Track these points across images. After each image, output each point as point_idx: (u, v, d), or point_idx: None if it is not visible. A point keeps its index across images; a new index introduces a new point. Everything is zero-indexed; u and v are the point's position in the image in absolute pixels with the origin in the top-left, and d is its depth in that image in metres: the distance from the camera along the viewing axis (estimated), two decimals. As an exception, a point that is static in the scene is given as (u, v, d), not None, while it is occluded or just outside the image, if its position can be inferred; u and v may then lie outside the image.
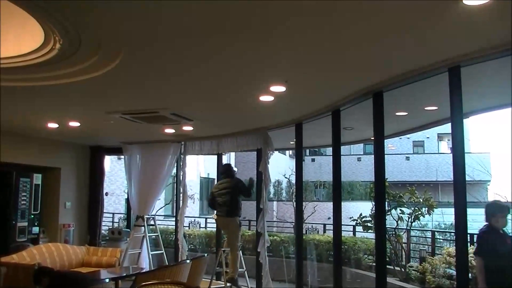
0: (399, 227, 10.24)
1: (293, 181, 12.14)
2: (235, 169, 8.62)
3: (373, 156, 5.24)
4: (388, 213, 9.46)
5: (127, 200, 11.01)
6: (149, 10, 3.30)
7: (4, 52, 4.21)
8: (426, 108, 6.18)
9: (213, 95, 5.87)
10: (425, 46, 3.96)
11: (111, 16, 3.42)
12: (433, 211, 10.00)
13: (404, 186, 13.61)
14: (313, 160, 32.46)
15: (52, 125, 8.03)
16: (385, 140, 5.31)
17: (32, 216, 9.48)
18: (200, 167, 21.72)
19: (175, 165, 10.04)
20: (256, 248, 8.32)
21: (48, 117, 7.51)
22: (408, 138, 31.14)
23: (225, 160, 10.05)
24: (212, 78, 5.02)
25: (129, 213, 11.08)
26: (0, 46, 4.10)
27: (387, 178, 5.77)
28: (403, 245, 10.41)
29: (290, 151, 30.08)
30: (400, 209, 10.04)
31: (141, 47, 4.07)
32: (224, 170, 8.30)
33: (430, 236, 11.30)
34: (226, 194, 7.92)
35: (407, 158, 30.88)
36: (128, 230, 10.62)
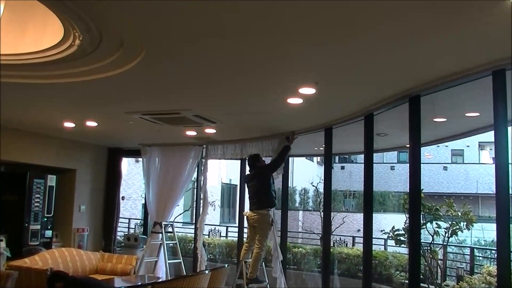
0: (434, 242, 10.11)
1: (321, 190, 12.09)
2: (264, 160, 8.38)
3: (407, 165, 5.20)
4: (423, 227, 9.35)
5: (144, 205, 11.11)
6: (178, 8, 3.33)
7: (24, 48, 4.32)
8: (467, 114, 6.11)
9: (238, 97, 5.91)
10: (467, 48, 3.93)
11: (136, 13, 3.48)
12: (472, 226, 9.85)
13: (441, 198, 13.44)
14: (342, 167, 32.28)
15: (69, 125, 8.18)
16: (422, 148, 5.27)
17: (45, 219, 9.67)
18: (222, 172, 21.81)
19: (196, 169, 10.10)
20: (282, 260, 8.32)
21: (65, 116, 7.65)
22: (447, 146, 30.74)
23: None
24: (238, 79, 5.06)
25: (146, 219, 11.16)
26: (19, 42, 4.22)
27: (422, 189, 5.71)
28: (439, 262, 10.28)
29: (318, 158, 30.00)
30: (436, 223, 9.91)
31: (165, 46, 4.12)
32: (250, 163, 8.12)
33: (469, 253, 11.13)
34: (254, 185, 7.80)
35: (445, 168, 30.46)
36: (145, 237, 10.71)
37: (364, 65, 4.47)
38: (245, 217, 8.08)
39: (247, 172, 8.28)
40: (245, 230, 8.46)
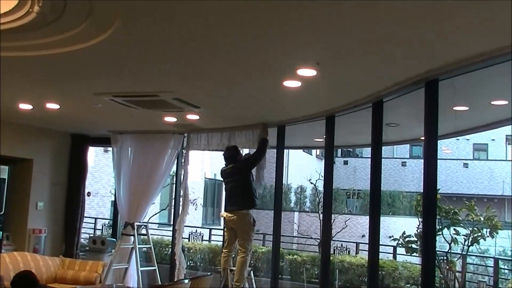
0: (452, 251, 10.19)
1: (320, 188, 12.09)
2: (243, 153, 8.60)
3: (421, 160, 5.23)
4: (438, 233, 9.42)
5: (114, 203, 11.12)
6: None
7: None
8: (493, 103, 6.14)
9: (227, 78, 5.91)
10: (494, 26, 3.93)
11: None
12: (497, 233, 9.94)
13: (460, 200, 13.57)
14: (345, 162, 32.41)
15: (25, 107, 8.14)
16: (439, 141, 5.29)
17: (-5, 218, 9.64)
18: (205, 166, 21.81)
19: (175, 162, 10.12)
20: (272, 269, 8.36)
21: (20, 97, 7.61)
22: (468, 140, 30.92)
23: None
24: (227, 56, 5.05)
25: (116, 218, 11.20)
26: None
27: (439, 189, 5.76)
28: (457, 274, 10.36)
29: (318, 151, 30.06)
30: (455, 229, 9.99)
31: (142, 16, 4.10)
32: (227, 156, 8.27)
33: (492, 265, 11.22)
34: (233, 181, 8.02)
35: (466, 165, 30.68)
36: (114, 240, 10.72)
37: (374, 43, 4.47)
38: (221, 219, 8.17)
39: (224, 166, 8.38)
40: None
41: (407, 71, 5.21)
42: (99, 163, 18.43)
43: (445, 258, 10.29)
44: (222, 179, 8.39)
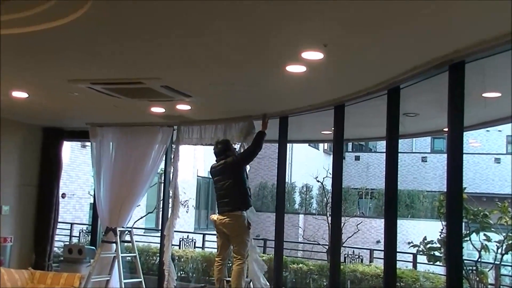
0: (482, 260, 10.18)
1: (329, 187, 12.02)
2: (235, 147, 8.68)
3: (445, 155, 5.22)
4: (466, 239, 9.40)
5: (93, 206, 11.09)
6: None
7: None
8: (529, 88, 6.14)
9: (222, 63, 5.89)
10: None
11: None
12: (537, 239, 9.91)
13: (492, 201, 13.51)
14: (357, 158, 32.50)
15: (-12, 96, 8.10)
16: (465, 133, 5.28)
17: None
18: (198, 163, 21.84)
19: (164, 158, 10.11)
20: (274, 280, 8.36)
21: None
22: (500, 131, 30.80)
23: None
24: (222, 39, 5.03)
25: (96, 223, 11.15)
26: None
27: (465, 188, 5.74)
28: (489, 287, 10.35)
29: (325, 145, 30.10)
30: (485, 234, 9.97)
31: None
32: (218, 151, 8.32)
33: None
34: (224, 179, 8.07)
35: (497, 161, 30.66)
36: (93, 248, 10.69)
37: (390, 20, 4.45)
38: (213, 223, 8.23)
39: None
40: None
41: (428, 52, 5.18)
42: (76, 160, 18.43)
43: (474, 268, 10.25)
44: (211, 178, 8.42)
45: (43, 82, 7.31)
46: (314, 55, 5.28)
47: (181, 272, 13.62)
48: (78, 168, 18.63)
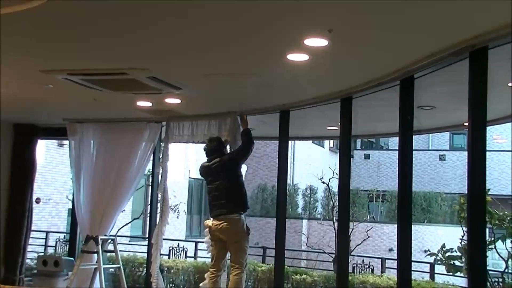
0: (509, 270, 10.18)
1: (335, 189, 11.99)
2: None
3: (465, 153, 5.22)
4: (490, 247, 9.40)
5: (72, 212, 11.05)
6: None
7: None
8: None
9: (216, 51, 5.88)
10: None
11: None
12: None
13: (519, 204, 13.51)
14: (367, 156, 32.53)
15: None
16: (488, 128, 5.26)
17: None
18: (190, 163, 21.82)
19: (151, 157, 10.11)
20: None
21: None
22: (530, 125, 30.71)
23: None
24: (216, 24, 5.03)
25: (74, 232, 11.08)
26: None
27: (489, 190, 5.74)
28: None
29: (331, 142, 30.11)
30: (512, 241, 9.96)
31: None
32: (210, 150, 8.35)
33: None
34: (219, 179, 8.08)
35: (526, 159, 30.55)
36: (72, 259, 10.65)
37: (402, 2, 4.44)
38: (206, 229, 8.29)
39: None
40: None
41: (447, 37, 5.16)
42: (52, 160, 18.35)
43: (500, 279, 10.25)
44: (203, 178, 8.43)
45: (13, 72, 7.19)
46: (317, 41, 5.27)
47: (171, 285, 13.61)
48: (54, 169, 18.54)
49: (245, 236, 7.97)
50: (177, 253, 16.63)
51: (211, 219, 8.13)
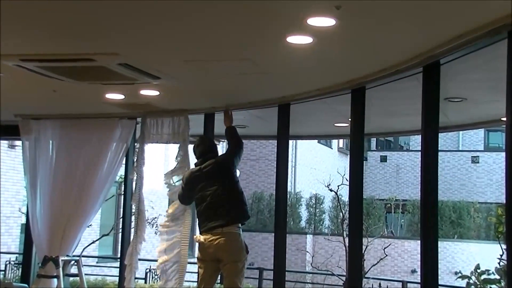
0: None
1: (346, 198, 11.98)
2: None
3: (503, 154, 5.18)
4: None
5: (26, 228, 11.05)
6: None
7: None
8: None
9: (203, 32, 5.86)
10: None
11: None
12: None
13: None
14: (383, 158, 32.69)
15: None
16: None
17: None
18: (171, 167, 21.84)
19: (124, 160, 10.15)
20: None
21: None
22: None
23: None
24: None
25: (29, 252, 11.03)
26: None
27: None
28: None
29: (341, 141, 30.20)
30: None
31: None
32: (203, 151, 8.35)
33: None
34: (215, 184, 8.02)
35: None
36: (25, 286, 10.63)
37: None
38: (197, 245, 8.17)
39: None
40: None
41: (480, 14, 5.13)
42: (1, 165, 18.39)
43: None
44: (193, 185, 8.29)
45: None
46: (323, 21, 5.25)
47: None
48: (4, 176, 18.54)
49: (244, 254, 7.90)
50: (156, 276, 16.65)
51: (203, 233, 7.98)
